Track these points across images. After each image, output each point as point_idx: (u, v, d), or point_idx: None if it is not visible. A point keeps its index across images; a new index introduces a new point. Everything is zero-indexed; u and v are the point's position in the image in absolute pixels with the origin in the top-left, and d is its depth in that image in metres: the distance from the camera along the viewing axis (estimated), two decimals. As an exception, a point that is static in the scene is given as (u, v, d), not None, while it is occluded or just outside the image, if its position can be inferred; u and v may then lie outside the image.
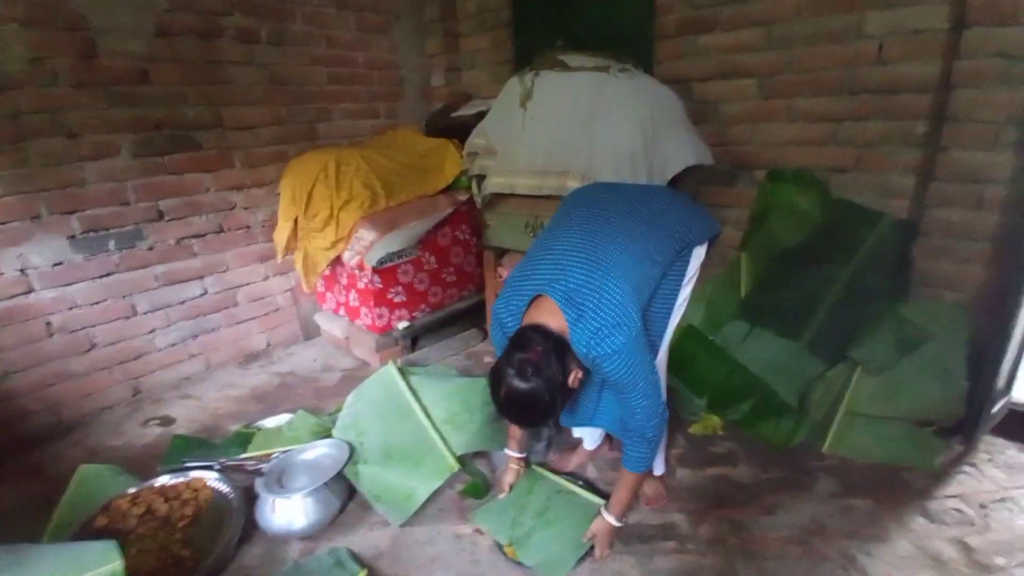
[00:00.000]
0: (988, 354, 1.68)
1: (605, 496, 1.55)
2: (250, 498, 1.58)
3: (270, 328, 2.74)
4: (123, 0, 2.03)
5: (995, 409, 1.78)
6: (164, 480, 1.67)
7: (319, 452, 1.70)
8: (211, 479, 1.66)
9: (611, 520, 1.41)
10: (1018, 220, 1.61)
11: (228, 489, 1.62)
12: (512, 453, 1.63)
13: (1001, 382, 1.75)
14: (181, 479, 1.67)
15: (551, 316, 1.18)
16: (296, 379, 2.47)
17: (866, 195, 1.93)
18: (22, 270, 1.96)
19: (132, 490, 1.62)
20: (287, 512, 1.49)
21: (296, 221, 2.34)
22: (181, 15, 2.18)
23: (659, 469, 1.63)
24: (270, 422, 2.02)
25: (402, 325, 2.39)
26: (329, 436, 1.81)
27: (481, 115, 2.49)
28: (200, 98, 2.28)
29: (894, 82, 1.80)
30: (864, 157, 1.93)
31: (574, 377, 1.20)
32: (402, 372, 1.93)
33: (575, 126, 1.87)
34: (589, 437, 1.76)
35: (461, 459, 1.70)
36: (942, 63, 1.70)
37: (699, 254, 1.41)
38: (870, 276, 1.86)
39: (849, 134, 1.94)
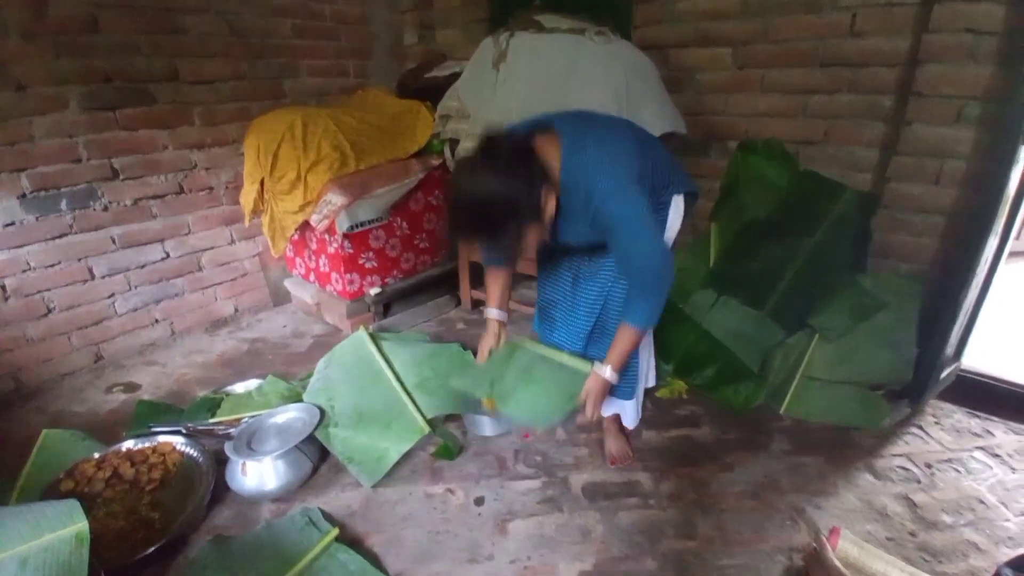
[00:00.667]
0: (938, 323, 1.77)
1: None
2: (220, 462, 1.58)
3: (237, 294, 2.68)
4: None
5: (943, 375, 1.89)
6: (130, 444, 1.65)
7: (290, 416, 1.70)
8: (179, 443, 1.65)
9: (604, 373, 1.28)
10: (973, 195, 1.68)
11: (197, 453, 1.61)
12: (492, 314, 1.49)
13: (950, 349, 1.86)
14: (148, 443, 1.65)
15: (545, 150, 1.12)
16: (266, 345, 2.43)
17: (832, 168, 1.98)
18: (-32, 230, 1.86)
19: (97, 455, 1.60)
20: (258, 474, 1.50)
21: (262, 183, 2.26)
22: (126, -44, 2.03)
23: (630, 421, 1.61)
24: (239, 387, 2.00)
25: (374, 291, 2.37)
26: (300, 401, 1.81)
27: (455, 76, 2.42)
28: (153, 48, 2.14)
29: (865, 55, 1.82)
30: (832, 130, 1.97)
31: (546, 200, 1.09)
32: (373, 338, 1.92)
33: (549, 89, 1.84)
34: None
35: (432, 422, 1.72)
36: (912, 37, 1.73)
37: (677, 205, 1.38)
38: (832, 248, 1.92)
39: (819, 107, 1.97)
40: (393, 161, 2.28)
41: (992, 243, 1.65)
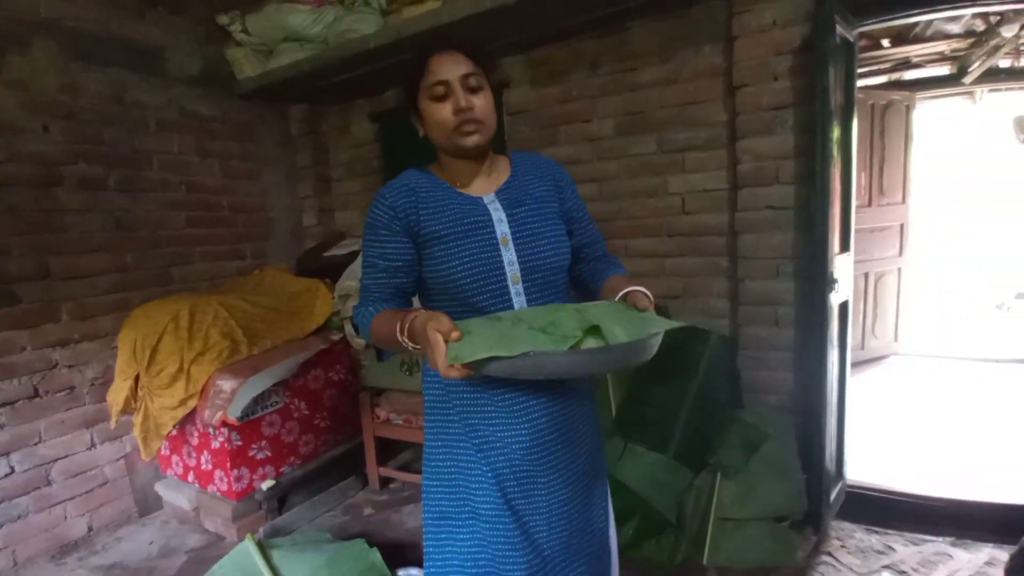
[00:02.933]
0: (812, 446, 1.95)
1: None
2: None
3: (94, 508, 2.26)
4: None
5: (833, 496, 2.03)
6: None
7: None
8: None
9: (635, 287, 1.01)
10: (803, 334, 2.00)
11: None
12: (416, 307, 1.08)
13: (831, 467, 2.01)
14: None
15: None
16: (124, 572, 2.01)
17: (697, 317, 2.28)
18: None
19: None
20: None
21: (136, 378, 2.07)
22: (13, 166, 2.03)
23: None
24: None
25: (266, 485, 2.13)
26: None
27: (354, 255, 2.55)
28: (26, 249, 2.05)
29: (698, 228, 2.23)
30: (688, 286, 2.31)
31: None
32: (262, 548, 1.68)
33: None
34: None
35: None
36: (729, 213, 2.17)
37: None
38: (713, 387, 2.12)
39: (674, 267, 2.32)
40: (290, 342, 2.24)
41: (833, 359, 1.92)
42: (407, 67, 1.04)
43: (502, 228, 1.04)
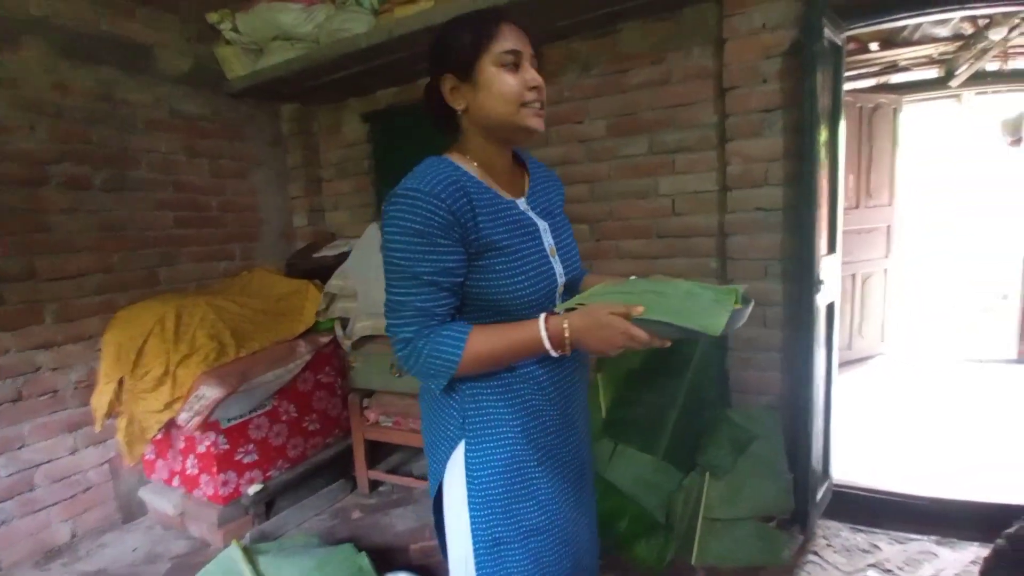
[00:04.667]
0: (800, 446, 1.96)
1: None
2: None
3: (78, 513, 2.23)
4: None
5: (820, 495, 2.04)
6: None
7: None
8: None
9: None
10: (791, 335, 2.02)
11: None
12: (542, 321, 0.90)
13: (818, 467, 2.03)
14: None
15: None
16: (108, 579, 1.98)
17: (686, 318, 2.28)
18: None
19: None
20: None
21: (121, 382, 2.04)
22: (1, 165, 2.00)
23: None
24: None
25: (253, 490, 2.11)
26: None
27: (343, 256, 2.54)
28: (10, 249, 2.02)
29: (687, 229, 2.24)
30: (679, 287, 2.31)
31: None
32: (248, 553, 1.66)
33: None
34: None
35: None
36: (719, 215, 2.18)
37: None
38: (702, 387, 2.13)
39: (664, 268, 2.33)
40: (279, 343, 2.22)
41: (820, 360, 1.94)
42: (464, 29, 0.90)
43: (547, 238, 1.00)
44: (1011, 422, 2.72)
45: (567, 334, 0.84)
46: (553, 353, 0.86)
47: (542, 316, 0.87)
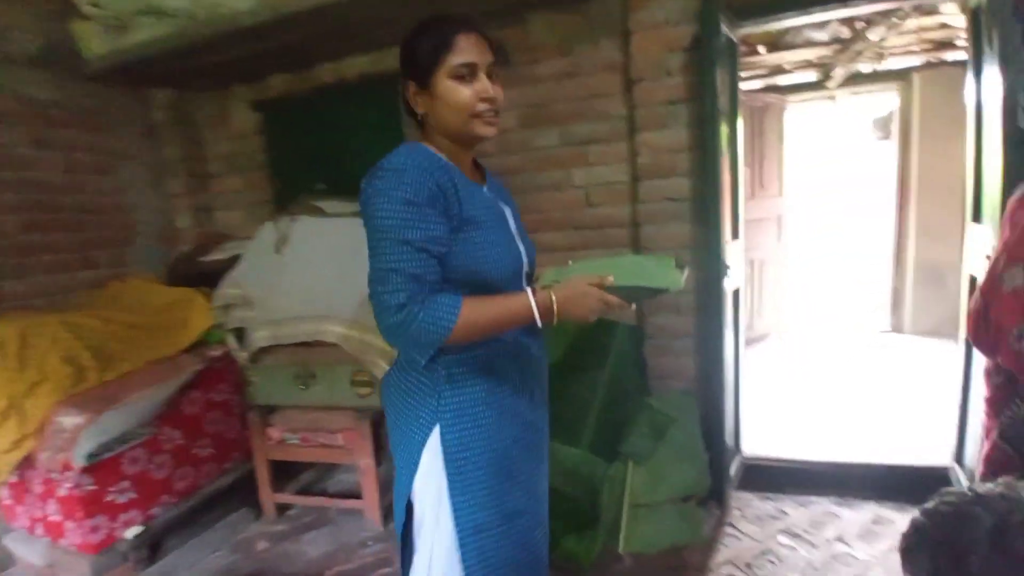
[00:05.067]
0: (713, 424, 2.05)
1: None
2: None
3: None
4: None
5: (733, 470, 2.15)
6: None
7: None
8: None
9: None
10: (703, 319, 2.09)
11: None
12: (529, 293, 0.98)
13: (731, 444, 2.15)
14: None
15: None
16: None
17: (604, 309, 2.29)
18: None
19: None
20: None
21: (-51, 420, 1.67)
22: None
23: None
24: None
25: (131, 533, 1.81)
26: None
27: (236, 259, 2.28)
28: None
29: (602, 220, 2.25)
30: (596, 278, 2.32)
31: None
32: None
33: (337, 271, 1.83)
34: None
35: None
36: (631, 206, 2.21)
37: None
38: (622, 377, 2.15)
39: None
40: (156, 362, 1.93)
41: (729, 341, 2.04)
42: (424, 38, 0.97)
43: (512, 223, 1.07)
44: (889, 385, 3.06)
45: (555, 305, 0.91)
46: (539, 323, 0.92)
47: (528, 289, 0.95)
